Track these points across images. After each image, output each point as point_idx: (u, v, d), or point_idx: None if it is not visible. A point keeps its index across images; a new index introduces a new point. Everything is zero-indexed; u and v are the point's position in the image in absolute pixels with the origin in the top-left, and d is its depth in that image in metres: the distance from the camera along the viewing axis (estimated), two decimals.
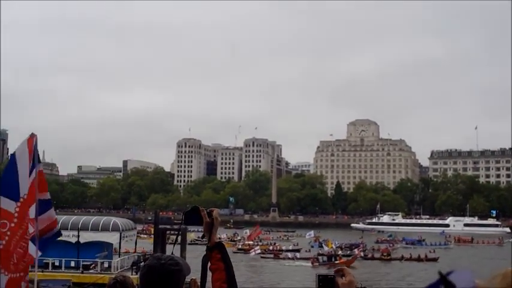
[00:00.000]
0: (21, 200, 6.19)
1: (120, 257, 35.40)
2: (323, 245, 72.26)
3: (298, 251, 67.43)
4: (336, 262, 54.25)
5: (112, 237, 34.14)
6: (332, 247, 69.80)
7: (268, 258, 61.38)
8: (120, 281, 4.24)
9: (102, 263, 32.87)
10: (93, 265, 32.74)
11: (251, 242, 73.64)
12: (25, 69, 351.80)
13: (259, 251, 62.65)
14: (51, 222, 6.47)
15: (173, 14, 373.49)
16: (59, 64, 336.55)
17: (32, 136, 6.46)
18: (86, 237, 33.20)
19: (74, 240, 32.35)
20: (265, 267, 55.07)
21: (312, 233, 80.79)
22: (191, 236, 66.59)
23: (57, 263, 31.95)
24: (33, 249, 6.23)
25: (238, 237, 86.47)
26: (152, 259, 2.84)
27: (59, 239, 7.26)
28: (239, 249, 68.66)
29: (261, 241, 77.42)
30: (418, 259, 60.73)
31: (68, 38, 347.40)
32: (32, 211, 6.23)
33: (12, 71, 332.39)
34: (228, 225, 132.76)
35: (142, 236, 70.19)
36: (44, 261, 31.97)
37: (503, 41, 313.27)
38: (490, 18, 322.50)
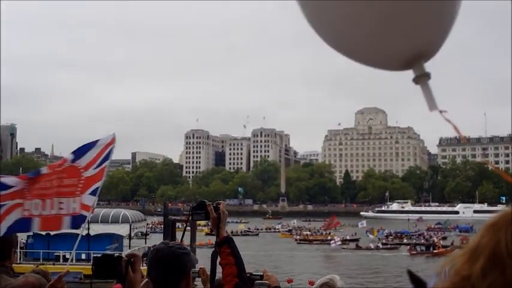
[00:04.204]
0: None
1: (131, 249, 35.56)
2: (368, 234, 70.48)
3: (357, 240, 65.21)
4: (435, 251, 53.60)
5: (122, 229, 34.37)
6: (377, 236, 69.00)
7: (350, 248, 58.76)
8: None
9: None
10: None
11: (309, 232, 72.52)
12: (34, 64, 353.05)
13: (339, 242, 58.96)
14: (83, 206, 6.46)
15: (180, 4, 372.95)
16: (68, 59, 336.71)
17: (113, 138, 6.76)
18: (96, 229, 33.25)
19: (84, 232, 32.46)
20: (368, 258, 52.34)
21: (364, 222, 76.30)
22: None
23: (67, 256, 32.15)
24: None
25: (289, 228, 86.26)
26: (160, 244, 2.88)
27: (68, 231, 7.25)
28: (302, 240, 67.61)
29: (318, 230, 74.51)
30: None
31: (77, 33, 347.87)
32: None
33: (22, 66, 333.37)
34: (267, 215, 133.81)
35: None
36: (55, 254, 32.15)
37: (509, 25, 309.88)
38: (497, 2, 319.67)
